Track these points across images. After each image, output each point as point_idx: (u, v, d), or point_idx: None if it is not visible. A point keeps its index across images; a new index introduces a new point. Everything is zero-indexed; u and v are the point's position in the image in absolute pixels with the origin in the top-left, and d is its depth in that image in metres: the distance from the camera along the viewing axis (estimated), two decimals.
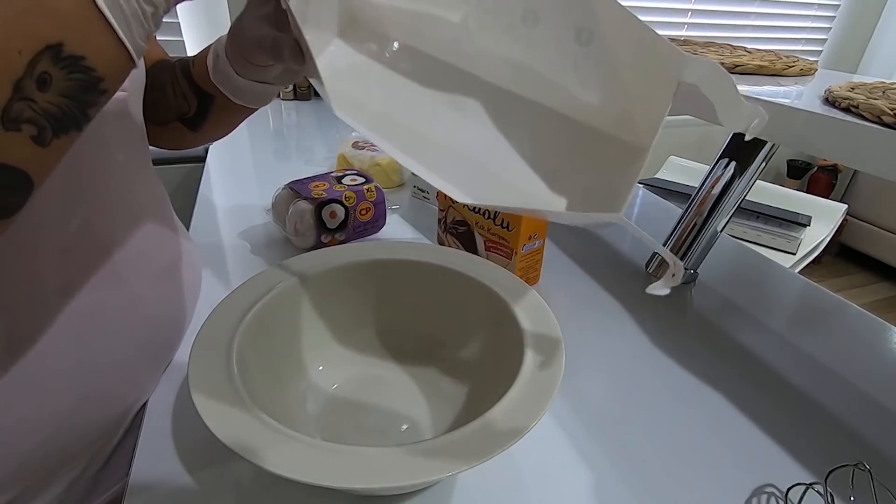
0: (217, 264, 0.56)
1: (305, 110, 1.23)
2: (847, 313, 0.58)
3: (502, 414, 0.28)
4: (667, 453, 0.37)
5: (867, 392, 0.45)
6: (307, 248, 0.58)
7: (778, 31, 2.26)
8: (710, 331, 0.52)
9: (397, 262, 0.43)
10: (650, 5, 1.99)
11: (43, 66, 0.21)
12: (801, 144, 0.34)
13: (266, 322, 0.36)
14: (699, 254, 0.58)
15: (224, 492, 0.32)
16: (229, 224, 0.65)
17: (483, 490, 0.34)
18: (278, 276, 0.39)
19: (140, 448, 0.35)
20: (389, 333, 0.43)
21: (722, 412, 0.42)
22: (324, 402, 0.38)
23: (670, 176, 1.57)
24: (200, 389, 0.28)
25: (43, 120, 0.22)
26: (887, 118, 0.29)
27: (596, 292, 0.57)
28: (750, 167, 0.53)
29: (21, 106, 0.21)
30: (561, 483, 0.35)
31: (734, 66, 0.46)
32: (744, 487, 0.35)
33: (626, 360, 0.47)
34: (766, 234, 1.26)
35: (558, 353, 0.33)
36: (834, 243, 2.09)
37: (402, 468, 0.25)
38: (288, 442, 0.26)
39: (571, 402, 0.41)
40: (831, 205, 1.40)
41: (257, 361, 0.34)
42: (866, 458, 0.35)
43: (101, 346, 0.35)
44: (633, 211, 0.83)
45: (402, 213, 0.71)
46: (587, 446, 0.37)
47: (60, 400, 0.33)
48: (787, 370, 0.47)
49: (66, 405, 0.33)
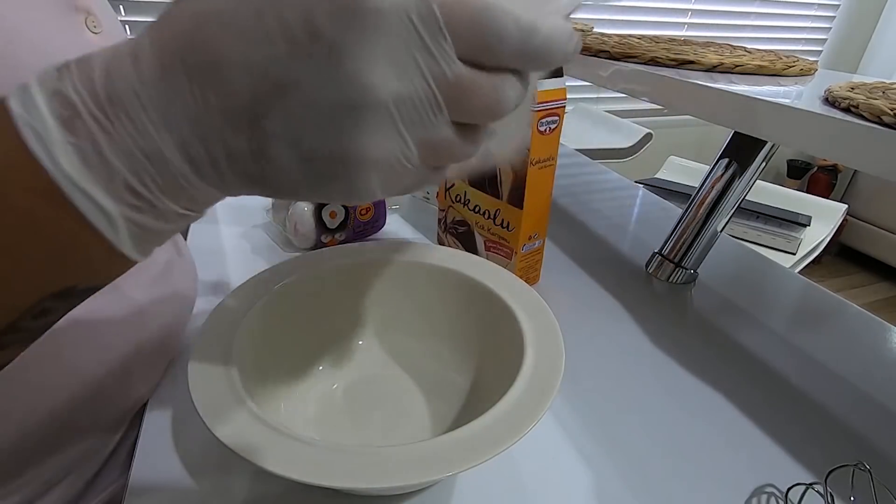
0: (217, 264, 0.56)
1: None
2: (847, 313, 0.58)
3: (502, 414, 0.28)
4: (667, 453, 0.37)
5: (867, 392, 0.45)
6: (307, 248, 0.58)
7: (778, 31, 2.26)
8: (710, 331, 0.52)
9: (397, 262, 0.43)
10: (650, 5, 1.99)
11: (43, 304, 0.18)
12: (801, 144, 0.34)
13: (266, 322, 0.36)
14: (699, 254, 0.58)
15: (224, 492, 0.32)
16: (229, 224, 0.65)
17: (483, 490, 0.34)
18: (278, 276, 0.39)
19: (140, 448, 0.35)
20: (389, 333, 0.43)
21: (722, 412, 0.42)
22: (324, 402, 0.38)
23: (670, 176, 1.57)
24: (200, 389, 0.28)
25: (34, 335, 0.20)
26: (887, 118, 0.29)
27: (596, 292, 0.57)
28: (750, 167, 0.53)
29: (10, 338, 0.19)
30: (561, 483, 0.35)
31: (734, 65, 0.46)
32: (744, 487, 0.35)
33: (626, 360, 0.47)
34: (766, 234, 1.26)
35: (558, 353, 0.33)
36: (834, 243, 2.09)
37: (403, 468, 0.25)
38: (288, 442, 0.26)
39: (571, 402, 0.41)
40: (831, 205, 1.40)
41: (257, 361, 0.34)
42: (866, 458, 0.35)
43: (97, 352, 0.34)
44: (633, 211, 0.83)
45: (402, 213, 0.71)
46: (587, 446, 0.37)
47: (55, 404, 0.33)
48: (787, 370, 0.47)
49: (62, 409, 0.33)
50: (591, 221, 0.75)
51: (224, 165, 0.17)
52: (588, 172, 1.00)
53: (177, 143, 0.16)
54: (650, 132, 1.57)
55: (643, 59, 0.48)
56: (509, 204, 0.50)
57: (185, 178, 0.17)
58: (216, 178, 0.17)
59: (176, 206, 0.18)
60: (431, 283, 0.42)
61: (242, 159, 0.17)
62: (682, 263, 0.59)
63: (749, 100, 0.36)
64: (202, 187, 0.18)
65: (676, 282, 0.60)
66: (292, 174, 0.17)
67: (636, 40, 0.61)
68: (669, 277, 0.60)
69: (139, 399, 0.39)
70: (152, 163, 0.16)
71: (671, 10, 2.03)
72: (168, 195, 0.17)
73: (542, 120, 0.45)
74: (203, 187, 0.18)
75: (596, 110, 1.82)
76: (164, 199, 0.17)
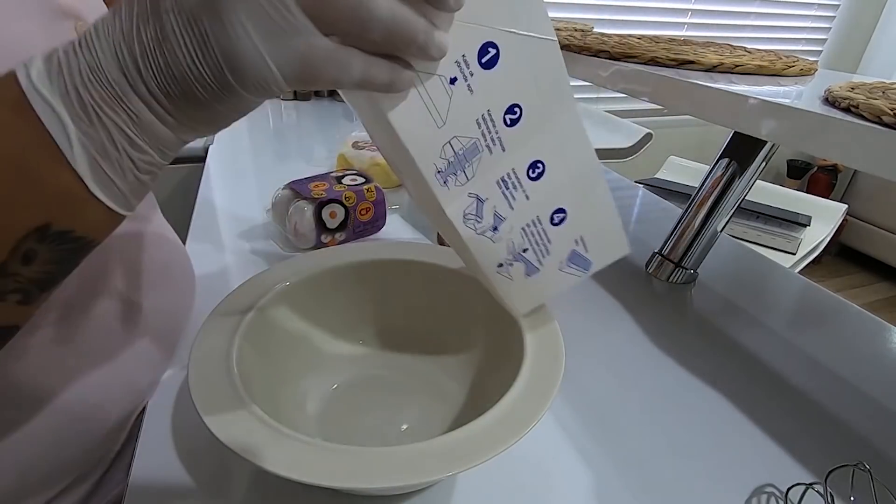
0: (217, 264, 0.56)
1: (305, 110, 1.23)
2: (847, 313, 0.58)
3: (502, 414, 0.28)
4: (667, 453, 0.37)
5: (867, 392, 0.45)
6: (307, 248, 0.58)
7: (778, 31, 2.26)
8: (710, 331, 0.52)
9: (397, 262, 0.43)
10: (650, 5, 1.99)
11: (27, 245, 0.20)
12: (801, 144, 0.34)
13: (266, 322, 0.36)
14: (699, 254, 0.58)
15: (224, 492, 0.32)
16: (229, 224, 0.65)
17: (483, 490, 0.34)
18: (278, 276, 0.39)
19: (140, 448, 0.35)
20: (389, 333, 0.43)
21: (722, 412, 0.42)
22: (324, 402, 0.38)
23: (670, 176, 1.57)
24: (200, 389, 0.28)
25: (29, 286, 0.21)
26: (887, 118, 0.29)
27: (596, 292, 0.57)
28: (750, 167, 0.53)
29: (4, 282, 0.20)
30: (561, 483, 0.35)
31: (734, 65, 0.46)
32: (744, 487, 0.35)
33: (626, 360, 0.47)
34: (766, 234, 1.26)
35: (558, 352, 0.33)
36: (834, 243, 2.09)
37: (402, 468, 0.25)
38: (288, 442, 0.26)
39: (571, 402, 0.41)
40: (831, 205, 1.40)
41: (257, 361, 0.34)
42: (866, 458, 0.35)
43: (97, 354, 0.34)
44: (632, 211, 0.83)
45: (402, 213, 0.71)
46: (587, 446, 0.37)
47: (58, 412, 0.32)
48: (787, 370, 0.47)
49: (65, 416, 0.33)
50: None
51: (142, 65, 0.19)
52: None
53: (111, 55, 0.19)
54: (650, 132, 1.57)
55: (643, 59, 0.48)
56: None
57: (119, 86, 0.19)
58: (141, 85, 0.19)
59: (121, 124, 0.20)
60: (431, 283, 0.42)
61: (152, 55, 0.19)
62: (682, 263, 0.59)
63: (749, 100, 0.36)
64: (135, 101, 0.20)
65: (676, 282, 0.60)
66: (185, 46, 0.19)
67: (636, 40, 0.61)
68: (669, 277, 0.60)
69: (140, 400, 0.39)
70: (94, 74, 0.19)
71: (671, 10, 2.03)
72: (110, 107, 0.19)
73: None
74: (136, 101, 0.20)
75: (596, 110, 1.82)
76: (107, 112, 0.19)
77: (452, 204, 0.28)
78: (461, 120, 0.25)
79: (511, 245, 0.32)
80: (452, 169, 0.27)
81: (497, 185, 0.29)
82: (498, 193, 0.29)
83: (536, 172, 0.29)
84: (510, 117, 0.27)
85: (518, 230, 0.31)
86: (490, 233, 0.30)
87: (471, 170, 0.27)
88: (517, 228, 0.31)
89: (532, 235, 0.32)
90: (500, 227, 0.30)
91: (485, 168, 0.28)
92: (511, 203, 0.30)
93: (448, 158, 0.26)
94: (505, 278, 0.33)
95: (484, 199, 0.29)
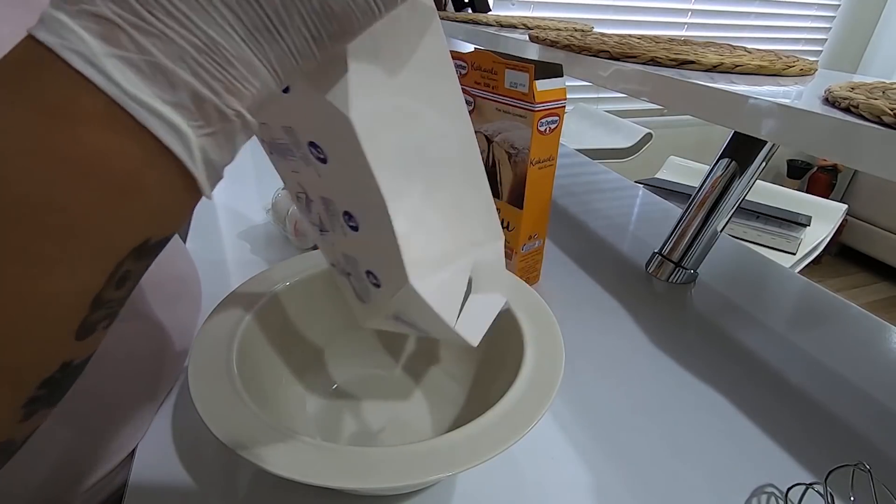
0: (217, 264, 0.56)
1: None
2: (847, 313, 0.58)
3: (502, 414, 0.28)
4: (667, 453, 0.37)
5: (867, 392, 0.45)
6: (307, 248, 0.58)
7: (778, 31, 2.27)
8: (710, 330, 0.52)
9: None
10: (650, 5, 1.99)
11: (124, 268, 0.16)
12: (801, 144, 0.34)
13: (266, 322, 0.36)
14: (699, 254, 0.58)
15: (224, 492, 0.32)
16: (229, 224, 0.65)
17: (483, 490, 0.34)
18: (278, 276, 0.39)
19: (140, 448, 0.35)
20: (389, 333, 0.43)
21: (722, 412, 0.42)
22: (324, 402, 0.38)
23: (670, 176, 1.57)
24: (200, 389, 0.28)
25: (118, 310, 0.18)
26: (887, 118, 0.29)
27: (596, 292, 0.57)
28: (750, 167, 0.53)
29: (99, 313, 0.16)
30: (561, 483, 0.35)
31: (734, 65, 0.46)
32: (744, 487, 0.35)
33: (626, 360, 0.47)
34: (766, 234, 1.26)
35: (558, 353, 0.33)
36: (834, 243, 2.10)
37: (402, 468, 0.25)
38: (288, 442, 0.26)
39: (571, 402, 0.41)
40: (831, 205, 1.40)
41: (257, 362, 0.34)
42: (866, 458, 0.35)
43: (101, 387, 0.34)
44: (632, 211, 0.83)
45: None
46: (587, 446, 0.37)
47: (60, 435, 0.32)
48: (788, 370, 0.47)
49: (68, 439, 0.32)
50: (591, 221, 0.75)
51: (276, 21, 0.15)
52: (588, 172, 1.00)
53: (222, 24, 0.14)
54: (650, 132, 1.57)
55: (643, 59, 0.48)
56: (509, 204, 0.50)
57: (243, 61, 0.15)
58: (271, 44, 0.16)
59: (240, 106, 0.16)
60: None
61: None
62: (682, 263, 0.59)
63: (749, 100, 0.36)
64: (260, 70, 0.16)
65: (676, 282, 0.60)
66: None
67: (636, 40, 0.61)
68: (669, 277, 0.60)
69: (141, 401, 0.39)
70: (208, 54, 0.14)
71: (671, 10, 2.03)
72: (232, 93, 0.16)
73: (542, 120, 0.45)
74: (260, 69, 0.16)
75: (596, 110, 1.82)
76: (229, 99, 0.15)
77: None
78: None
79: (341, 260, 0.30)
80: None
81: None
82: None
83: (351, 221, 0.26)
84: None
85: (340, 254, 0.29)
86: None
87: None
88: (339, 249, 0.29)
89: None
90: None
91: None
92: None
93: None
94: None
95: None
